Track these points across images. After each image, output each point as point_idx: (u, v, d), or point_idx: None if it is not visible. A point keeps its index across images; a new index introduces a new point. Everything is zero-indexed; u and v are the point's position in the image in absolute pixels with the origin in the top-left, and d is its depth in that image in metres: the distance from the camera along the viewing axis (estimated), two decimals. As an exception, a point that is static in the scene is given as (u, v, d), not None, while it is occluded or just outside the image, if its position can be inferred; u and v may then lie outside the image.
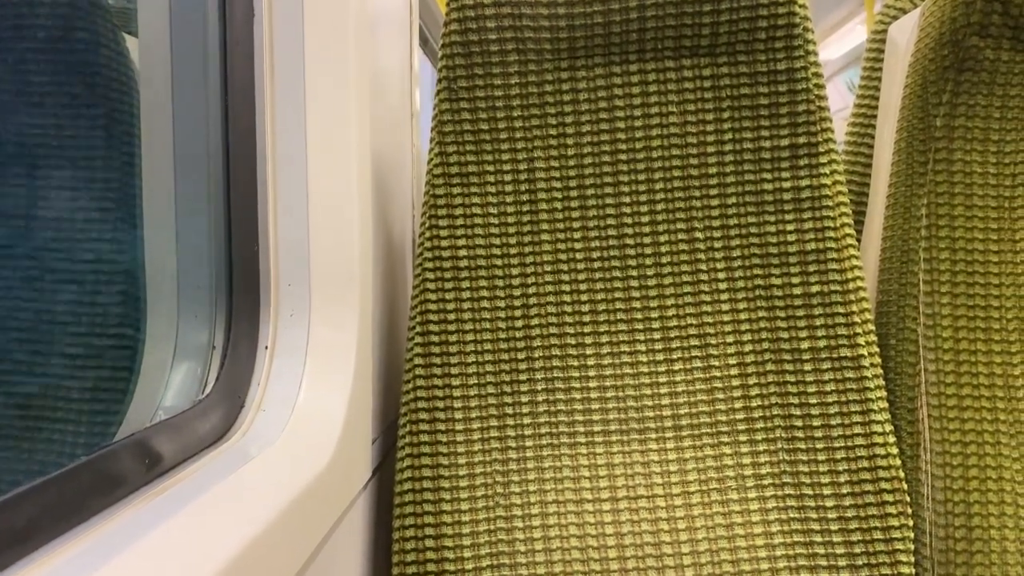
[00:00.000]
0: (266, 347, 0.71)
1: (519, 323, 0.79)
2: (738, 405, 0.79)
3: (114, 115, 0.75)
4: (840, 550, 0.75)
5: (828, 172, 0.77)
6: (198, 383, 0.69)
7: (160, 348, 0.71)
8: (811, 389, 0.77)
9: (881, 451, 0.76)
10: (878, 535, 0.75)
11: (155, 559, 0.43)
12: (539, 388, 0.79)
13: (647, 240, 0.79)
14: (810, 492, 0.77)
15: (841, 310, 0.77)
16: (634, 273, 0.79)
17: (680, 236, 0.79)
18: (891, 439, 0.76)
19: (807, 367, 0.77)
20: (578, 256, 0.79)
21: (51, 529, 0.43)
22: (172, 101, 0.75)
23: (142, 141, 0.74)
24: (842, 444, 0.76)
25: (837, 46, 5.19)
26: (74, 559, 0.42)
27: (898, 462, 0.76)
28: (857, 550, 0.75)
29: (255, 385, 0.69)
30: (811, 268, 0.77)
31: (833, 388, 0.77)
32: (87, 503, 0.47)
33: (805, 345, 0.78)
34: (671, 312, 0.79)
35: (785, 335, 0.78)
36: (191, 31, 0.74)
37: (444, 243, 0.78)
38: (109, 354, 0.72)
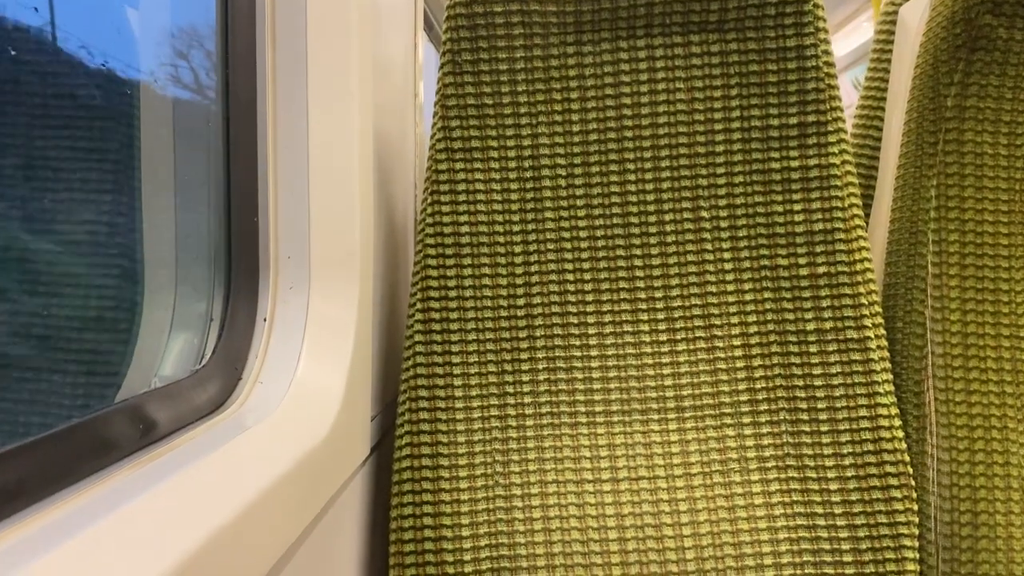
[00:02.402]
0: (265, 320, 0.70)
1: (520, 300, 0.78)
2: (742, 387, 0.78)
3: (113, 85, 0.74)
4: (844, 534, 0.74)
5: (837, 151, 0.76)
6: (196, 354, 0.68)
7: (158, 319, 0.70)
8: (816, 371, 0.76)
9: (886, 434, 0.75)
10: (882, 519, 0.74)
11: (143, 523, 0.42)
12: (540, 367, 0.78)
13: (652, 219, 0.78)
14: (814, 475, 0.76)
15: (848, 291, 0.76)
16: (638, 252, 0.78)
17: (686, 215, 0.78)
18: (896, 422, 0.75)
19: (812, 349, 0.76)
20: (581, 234, 0.78)
21: (40, 489, 0.43)
22: (173, 73, 0.74)
23: (142, 112, 0.73)
24: (847, 427, 0.75)
25: (843, 43, 5.16)
26: (62, 520, 0.41)
27: (903, 446, 0.75)
28: (861, 534, 0.74)
29: (253, 357, 0.68)
30: (818, 249, 0.76)
31: (839, 370, 0.76)
32: (78, 465, 0.46)
33: (811, 327, 0.77)
34: (675, 292, 0.78)
35: (791, 316, 0.77)
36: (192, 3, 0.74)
37: (446, 219, 0.77)
38: (106, 324, 0.71)
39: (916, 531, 0.74)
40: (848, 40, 5.22)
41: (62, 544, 0.38)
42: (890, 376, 0.76)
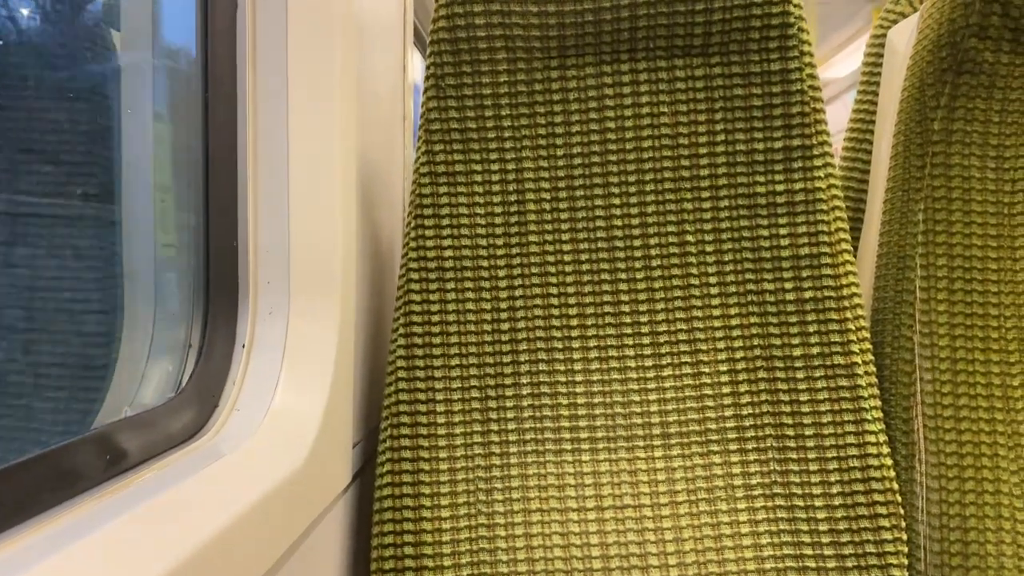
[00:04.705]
0: (243, 345, 0.69)
1: (505, 326, 0.77)
2: (728, 413, 0.77)
3: (94, 110, 0.73)
4: (831, 564, 0.73)
5: (823, 175, 0.75)
6: (173, 382, 0.68)
7: (135, 346, 0.70)
8: (803, 397, 0.75)
9: (875, 462, 0.73)
10: (871, 548, 0.73)
11: (106, 552, 0.42)
12: (524, 393, 0.77)
13: (637, 243, 0.77)
14: (801, 504, 0.74)
15: (835, 316, 0.75)
16: (623, 276, 0.77)
17: (671, 239, 0.77)
18: (885, 450, 0.74)
19: (799, 375, 0.75)
20: (566, 259, 0.77)
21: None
22: (152, 95, 0.74)
23: (122, 135, 0.73)
24: (835, 454, 0.74)
25: (844, 64, 5.18)
26: (22, 551, 0.40)
27: (892, 473, 0.74)
28: (849, 564, 0.73)
29: (230, 384, 0.67)
30: (804, 273, 0.75)
31: (826, 396, 0.75)
32: (40, 496, 0.45)
33: (798, 352, 0.76)
34: (660, 317, 0.77)
35: (777, 342, 0.76)
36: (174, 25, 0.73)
37: (429, 243, 0.77)
38: (82, 352, 0.70)
39: (906, 561, 0.73)
40: (849, 61, 5.24)
41: (22, 573, 0.37)
42: (878, 403, 0.75)
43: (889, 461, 0.74)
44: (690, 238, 0.77)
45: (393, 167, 1.07)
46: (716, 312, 0.77)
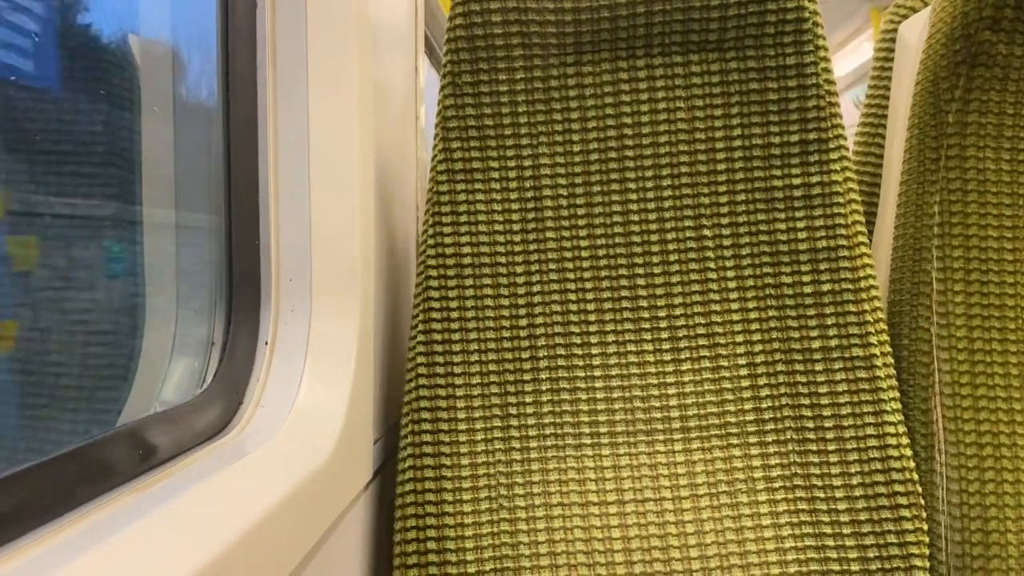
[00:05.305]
0: (266, 343, 0.69)
1: (523, 322, 0.78)
2: (748, 406, 0.77)
3: (115, 111, 0.74)
4: (853, 554, 0.73)
5: (839, 168, 0.76)
6: (197, 379, 0.68)
7: (159, 344, 0.70)
8: (823, 390, 0.76)
9: (894, 453, 0.74)
10: (892, 539, 0.73)
11: (140, 549, 0.42)
12: (544, 388, 0.78)
13: (654, 238, 0.78)
14: (822, 495, 0.75)
15: (853, 309, 0.75)
16: (640, 271, 0.78)
17: (688, 233, 0.78)
18: (904, 441, 0.74)
19: (818, 367, 0.76)
20: (583, 254, 0.78)
21: (38, 516, 0.42)
22: (173, 97, 0.74)
23: (143, 136, 0.73)
24: (854, 446, 0.75)
25: (844, 63, 5.19)
26: (59, 546, 0.41)
27: (912, 464, 0.74)
28: (871, 554, 0.73)
29: (254, 381, 0.68)
30: (822, 266, 0.76)
31: (845, 388, 0.75)
32: (75, 491, 0.45)
33: (816, 344, 0.76)
34: (679, 311, 0.78)
35: (796, 334, 0.76)
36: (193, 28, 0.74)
37: (447, 240, 0.77)
38: (107, 350, 0.70)
39: (927, 551, 0.73)
40: (849, 60, 5.25)
41: (59, 571, 0.38)
42: (897, 394, 0.75)
43: (909, 452, 0.74)
44: (707, 232, 0.77)
45: (407, 168, 1.07)
46: (734, 305, 0.77)
